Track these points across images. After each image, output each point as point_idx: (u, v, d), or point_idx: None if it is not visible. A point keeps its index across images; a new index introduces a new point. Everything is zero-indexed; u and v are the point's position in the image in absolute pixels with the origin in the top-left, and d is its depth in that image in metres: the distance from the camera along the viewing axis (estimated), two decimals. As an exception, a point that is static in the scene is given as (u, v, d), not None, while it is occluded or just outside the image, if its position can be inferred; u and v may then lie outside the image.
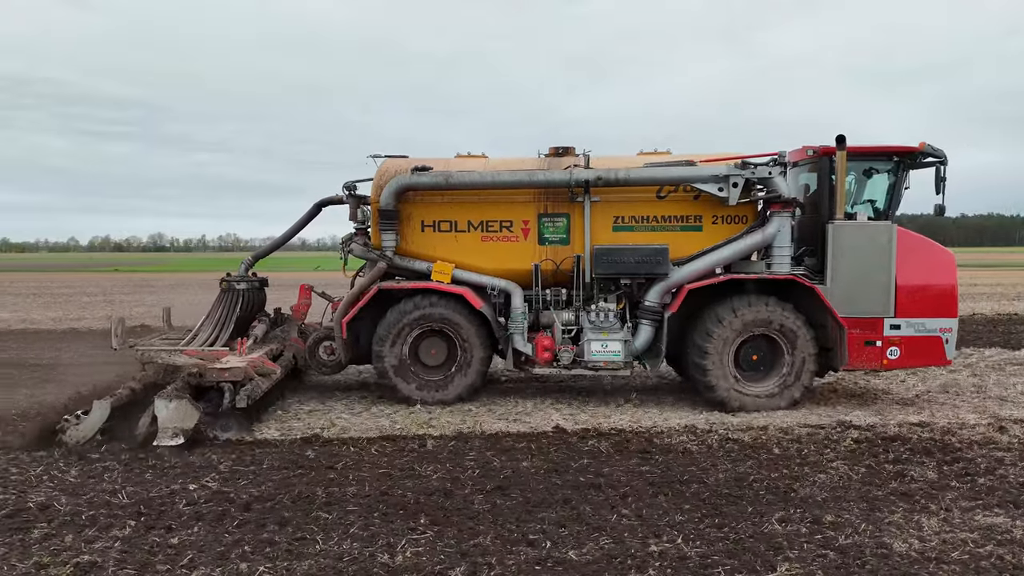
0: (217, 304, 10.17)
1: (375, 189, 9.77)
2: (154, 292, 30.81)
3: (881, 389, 10.46)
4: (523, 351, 9.56)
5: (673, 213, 9.57)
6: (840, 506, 5.85)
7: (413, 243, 9.86)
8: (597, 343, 9.43)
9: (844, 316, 8.99)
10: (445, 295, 9.56)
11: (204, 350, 9.04)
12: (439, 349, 9.68)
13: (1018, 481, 6.44)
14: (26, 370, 12.11)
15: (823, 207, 9.29)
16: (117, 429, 7.53)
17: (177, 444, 7.30)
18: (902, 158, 9.26)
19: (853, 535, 5.28)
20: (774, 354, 9.27)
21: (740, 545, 5.12)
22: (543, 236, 9.73)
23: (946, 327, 9.14)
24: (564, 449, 7.46)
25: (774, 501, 5.97)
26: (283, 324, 10.84)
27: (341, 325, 9.51)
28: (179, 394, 7.45)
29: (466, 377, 9.58)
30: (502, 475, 6.60)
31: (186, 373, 7.98)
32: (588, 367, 9.54)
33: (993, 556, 4.94)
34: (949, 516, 5.64)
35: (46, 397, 9.49)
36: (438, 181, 9.50)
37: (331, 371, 10.04)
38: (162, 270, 62.53)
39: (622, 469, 6.80)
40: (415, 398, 9.49)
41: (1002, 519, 5.58)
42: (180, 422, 7.37)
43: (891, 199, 9.42)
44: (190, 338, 9.63)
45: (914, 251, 9.20)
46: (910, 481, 6.44)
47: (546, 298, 9.73)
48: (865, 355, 9.16)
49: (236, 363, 8.32)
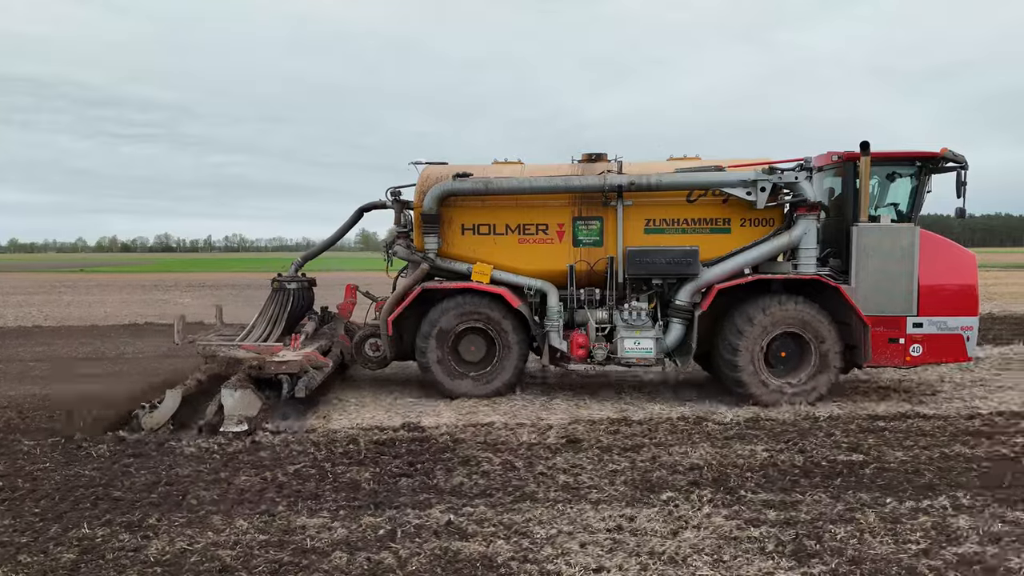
0: (269, 302, 10.78)
1: (418, 194, 10.32)
2: (75, 294, 31.53)
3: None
4: (559, 348, 10.05)
5: (703, 216, 10.01)
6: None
7: (454, 246, 10.39)
8: (630, 340, 9.89)
9: (868, 315, 9.37)
10: (484, 295, 10.06)
11: (260, 345, 9.63)
12: (478, 346, 10.18)
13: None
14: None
15: (848, 210, 9.69)
16: (186, 416, 8.13)
17: (241, 430, 7.88)
18: (924, 163, 9.62)
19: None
20: (801, 351, 9.65)
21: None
22: (577, 238, 10.21)
23: (967, 325, 9.49)
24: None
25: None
26: (330, 322, 11.43)
27: (387, 323, 10.05)
28: (243, 384, 8.05)
29: (504, 372, 10.07)
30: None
31: (247, 366, 8.57)
32: (621, 363, 10.00)
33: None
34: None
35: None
36: (478, 187, 10.03)
37: (376, 366, 10.60)
38: (133, 271, 63.14)
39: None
40: (456, 392, 10.00)
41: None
42: (244, 410, 7.96)
43: (914, 202, 9.77)
44: (245, 334, 10.23)
45: (936, 252, 9.57)
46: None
47: (580, 297, 10.21)
48: (888, 352, 9.54)
49: (292, 357, 8.90)
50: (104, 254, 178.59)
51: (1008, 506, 5.82)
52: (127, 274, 55.24)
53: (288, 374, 8.64)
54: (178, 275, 51.47)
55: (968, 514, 5.65)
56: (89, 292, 32.78)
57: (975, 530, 5.34)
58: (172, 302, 26.56)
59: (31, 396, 10.03)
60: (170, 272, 58.63)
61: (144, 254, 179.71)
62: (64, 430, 7.91)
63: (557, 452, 7.39)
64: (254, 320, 10.60)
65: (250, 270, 58.25)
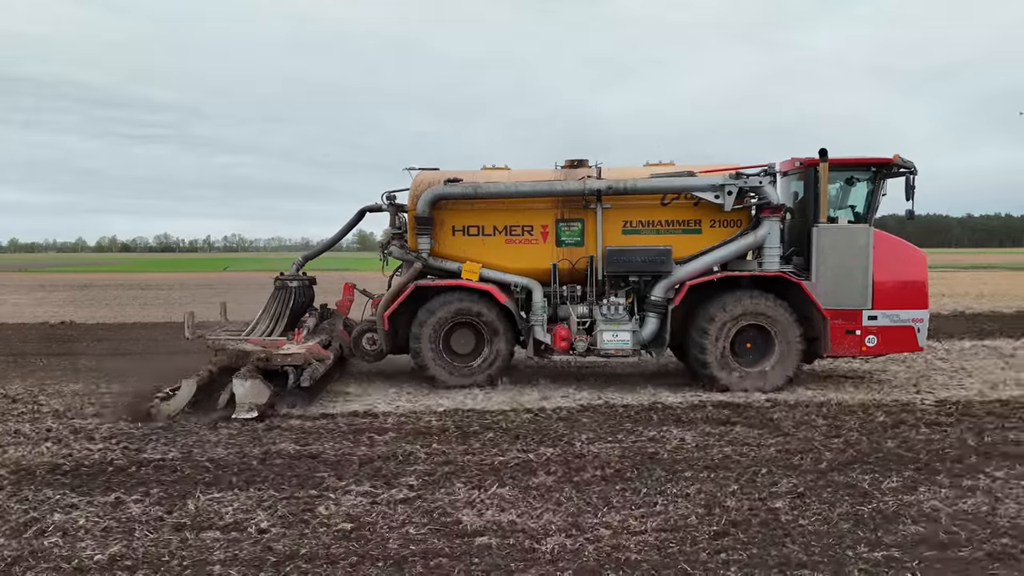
0: (272, 300, 11.52)
1: (411, 198, 11.08)
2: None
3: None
4: (543, 340, 10.83)
5: (676, 218, 10.80)
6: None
7: (445, 246, 11.15)
8: (609, 333, 10.67)
9: (827, 308, 10.18)
10: (474, 292, 10.82)
11: (265, 339, 10.36)
12: (468, 339, 10.95)
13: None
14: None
15: (809, 212, 10.50)
16: (200, 403, 8.87)
17: (251, 417, 8.63)
18: (878, 168, 10.43)
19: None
20: (766, 342, 10.46)
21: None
22: (560, 239, 10.99)
23: (918, 317, 10.32)
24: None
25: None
26: (330, 317, 12.18)
27: (383, 318, 10.81)
28: (253, 374, 8.79)
29: (491, 364, 10.84)
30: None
31: (255, 358, 9.30)
32: (601, 354, 10.79)
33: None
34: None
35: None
36: (468, 191, 10.79)
37: (373, 359, 11.35)
38: (88, 271, 63.03)
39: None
40: (446, 382, 10.77)
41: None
42: (254, 398, 8.71)
43: (869, 204, 10.58)
44: (250, 329, 10.98)
45: (889, 250, 10.39)
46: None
47: (563, 294, 10.99)
48: (846, 343, 10.36)
49: (296, 349, 9.64)
50: (103, 254, 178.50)
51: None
52: (76, 274, 54.78)
53: (293, 365, 9.37)
54: (149, 275, 52.04)
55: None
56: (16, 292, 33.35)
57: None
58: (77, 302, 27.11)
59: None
60: (142, 273, 58.88)
61: (143, 254, 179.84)
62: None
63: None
64: (258, 316, 11.34)
65: (204, 270, 58.78)
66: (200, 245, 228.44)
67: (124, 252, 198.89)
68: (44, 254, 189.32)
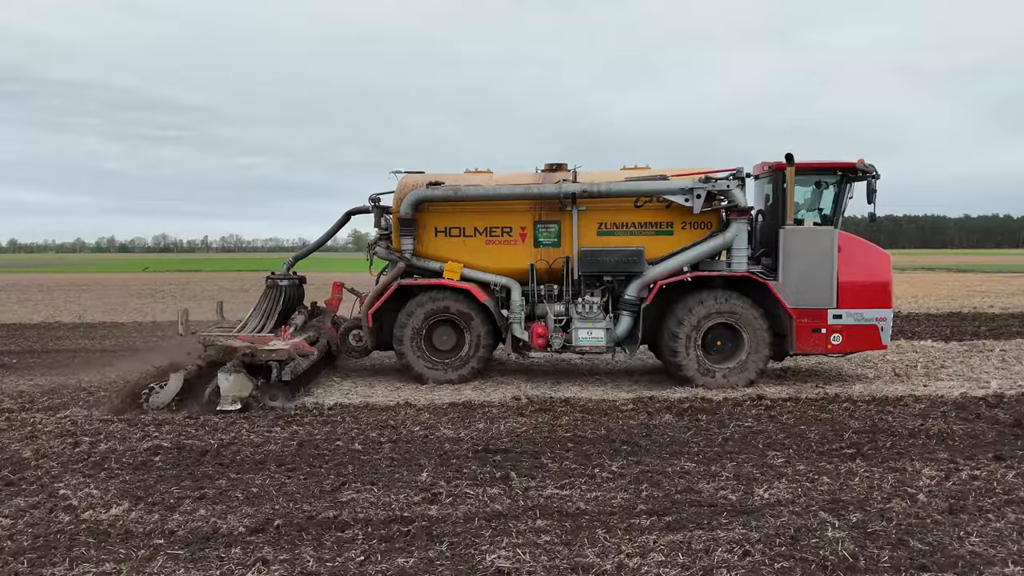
0: (263, 298, 12.02)
1: (396, 201, 11.53)
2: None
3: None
4: (521, 337, 11.26)
5: (648, 220, 11.19)
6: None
7: (428, 246, 11.59)
8: (584, 331, 11.08)
9: (793, 307, 10.53)
10: (455, 290, 11.26)
11: (254, 336, 10.85)
12: (449, 336, 11.38)
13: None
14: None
15: (777, 215, 10.85)
16: (188, 396, 9.36)
17: (235, 409, 9.10)
18: (843, 172, 10.77)
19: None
20: (735, 340, 10.82)
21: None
22: (538, 240, 11.40)
23: (881, 316, 10.65)
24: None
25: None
26: (319, 315, 12.65)
27: (367, 316, 11.27)
28: (237, 368, 9.27)
29: (472, 360, 11.27)
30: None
31: (241, 353, 9.77)
32: (576, 351, 11.20)
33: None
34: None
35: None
36: (448, 194, 11.23)
37: (359, 355, 11.82)
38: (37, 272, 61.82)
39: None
40: (428, 377, 11.21)
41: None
42: (238, 391, 9.18)
43: (836, 207, 10.92)
44: (240, 326, 11.47)
45: (854, 252, 10.73)
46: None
47: (540, 293, 11.40)
48: (812, 341, 10.70)
49: (281, 346, 10.11)
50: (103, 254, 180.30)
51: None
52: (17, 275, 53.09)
53: (277, 360, 9.83)
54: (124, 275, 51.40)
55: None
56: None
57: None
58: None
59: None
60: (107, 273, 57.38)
61: (143, 254, 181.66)
62: None
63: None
64: (249, 314, 11.84)
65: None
66: (198, 246, 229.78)
67: (122, 252, 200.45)
68: (44, 254, 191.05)
